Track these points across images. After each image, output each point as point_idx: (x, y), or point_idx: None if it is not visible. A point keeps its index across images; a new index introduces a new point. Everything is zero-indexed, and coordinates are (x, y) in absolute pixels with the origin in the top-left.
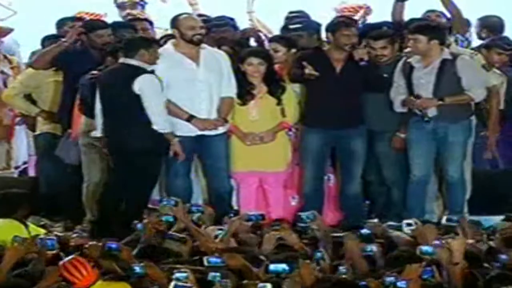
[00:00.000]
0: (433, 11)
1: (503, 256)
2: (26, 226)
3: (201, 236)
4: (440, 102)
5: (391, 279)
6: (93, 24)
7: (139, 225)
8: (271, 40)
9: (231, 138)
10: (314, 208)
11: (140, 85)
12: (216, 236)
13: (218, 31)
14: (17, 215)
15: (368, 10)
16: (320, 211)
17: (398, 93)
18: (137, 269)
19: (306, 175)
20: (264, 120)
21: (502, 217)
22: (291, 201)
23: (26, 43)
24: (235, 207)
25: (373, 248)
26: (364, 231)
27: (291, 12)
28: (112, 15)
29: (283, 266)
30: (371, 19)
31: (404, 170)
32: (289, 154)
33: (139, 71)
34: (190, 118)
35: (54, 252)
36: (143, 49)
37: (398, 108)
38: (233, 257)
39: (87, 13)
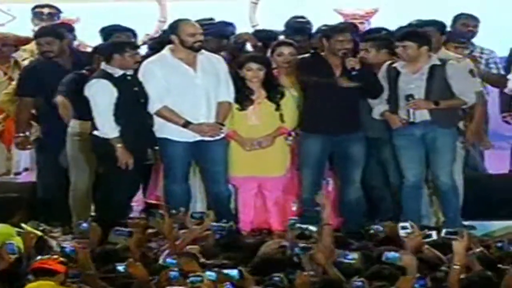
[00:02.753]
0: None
1: None
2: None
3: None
4: (434, 106)
5: None
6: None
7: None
8: (280, 43)
9: (230, 143)
10: (313, 213)
11: (87, 90)
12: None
13: (213, 41)
14: (13, 221)
15: (374, 13)
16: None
17: (379, 99)
18: (120, 268)
19: (305, 180)
20: (263, 125)
21: (497, 222)
22: (292, 206)
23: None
24: (234, 212)
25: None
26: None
27: (293, 18)
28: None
29: (233, 271)
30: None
31: None
32: (288, 159)
33: (90, 76)
34: (187, 124)
35: (16, 256)
36: (117, 53)
37: (376, 115)
38: (187, 261)
39: None
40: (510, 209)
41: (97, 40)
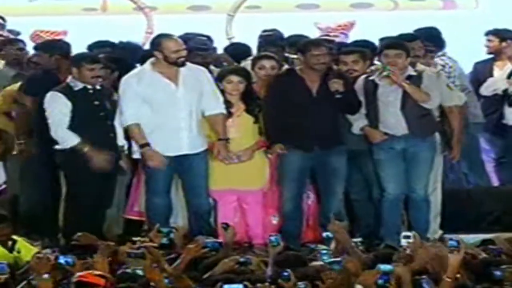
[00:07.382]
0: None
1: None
2: (6, 246)
3: None
4: (407, 82)
5: None
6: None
7: None
8: (262, 57)
9: (209, 156)
10: (294, 227)
11: (44, 103)
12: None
13: (197, 54)
14: None
15: (351, 26)
16: (300, 230)
17: (358, 114)
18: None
19: (285, 194)
20: (242, 138)
21: (479, 235)
22: (272, 220)
23: None
24: (214, 226)
25: None
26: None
27: (264, 31)
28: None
29: (238, 286)
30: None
31: None
32: (267, 173)
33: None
34: (145, 145)
35: (6, 276)
36: (74, 67)
37: (356, 130)
38: (180, 280)
39: (43, 31)
40: (489, 222)
41: None
